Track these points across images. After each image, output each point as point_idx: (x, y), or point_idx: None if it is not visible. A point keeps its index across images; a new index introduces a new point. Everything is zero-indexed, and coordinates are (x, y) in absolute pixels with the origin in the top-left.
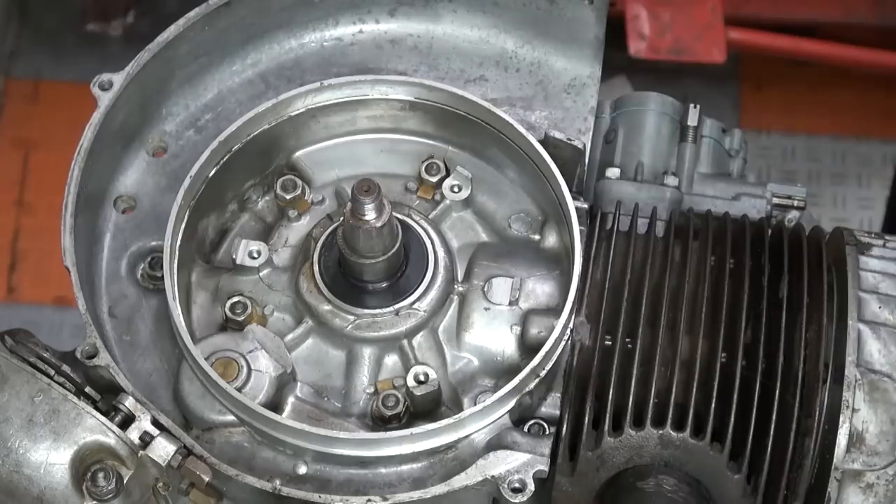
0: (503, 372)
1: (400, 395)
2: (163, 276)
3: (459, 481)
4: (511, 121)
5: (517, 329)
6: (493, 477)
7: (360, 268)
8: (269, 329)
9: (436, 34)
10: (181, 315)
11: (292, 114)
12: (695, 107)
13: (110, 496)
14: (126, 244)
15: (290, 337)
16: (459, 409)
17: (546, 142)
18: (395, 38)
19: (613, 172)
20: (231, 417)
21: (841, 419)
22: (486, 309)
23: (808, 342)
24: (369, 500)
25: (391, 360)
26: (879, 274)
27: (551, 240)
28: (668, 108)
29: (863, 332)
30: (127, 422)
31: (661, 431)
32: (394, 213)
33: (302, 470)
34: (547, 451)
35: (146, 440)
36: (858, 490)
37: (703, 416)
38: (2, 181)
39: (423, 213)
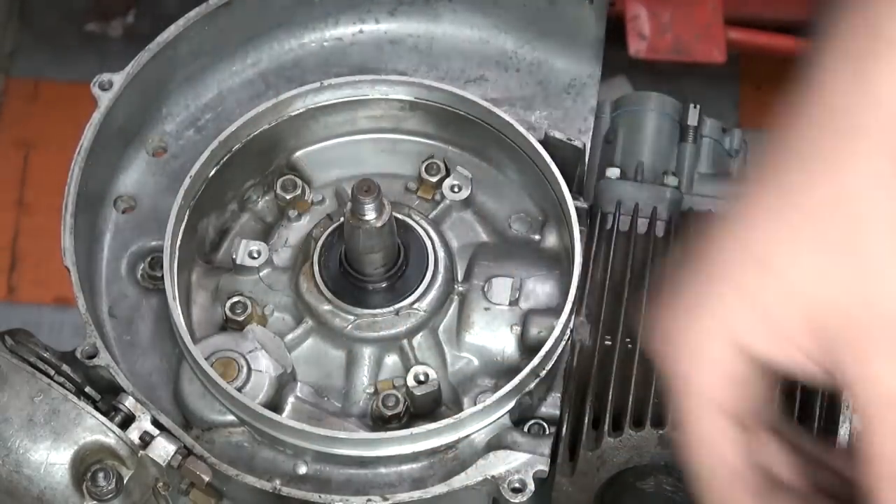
0: (503, 372)
1: (400, 395)
2: (163, 276)
3: (459, 481)
4: (511, 121)
5: (517, 329)
6: (493, 477)
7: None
8: (269, 329)
9: (436, 34)
10: (181, 315)
11: (292, 114)
12: (695, 107)
13: (110, 496)
14: (126, 244)
15: (290, 337)
16: (459, 409)
17: (546, 142)
18: (395, 38)
19: (613, 172)
20: (231, 417)
21: (841, 419)
22: (486, 309)
23: None
24: (369, 500)
25: (391, 360)
26: None
27: (551, 240)
28: (668, 108)
29: None
30: (127, 422)
31: (660, 431)
32: (394, 213)
33: (302, 470)
34: (547, 451)
35: (146, 440)
36: None
37: None
38: (2, 181)
39: (423, 213)
